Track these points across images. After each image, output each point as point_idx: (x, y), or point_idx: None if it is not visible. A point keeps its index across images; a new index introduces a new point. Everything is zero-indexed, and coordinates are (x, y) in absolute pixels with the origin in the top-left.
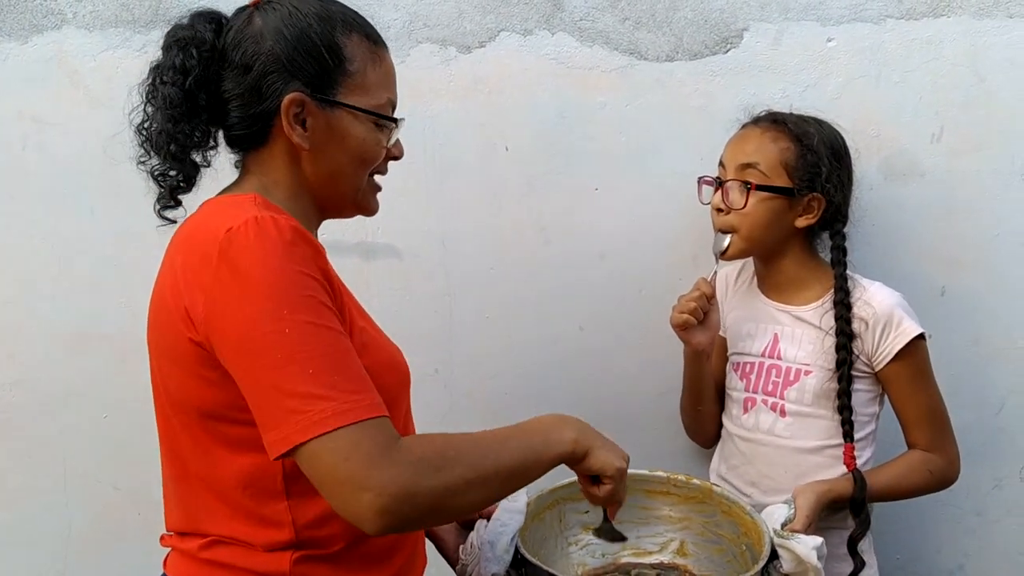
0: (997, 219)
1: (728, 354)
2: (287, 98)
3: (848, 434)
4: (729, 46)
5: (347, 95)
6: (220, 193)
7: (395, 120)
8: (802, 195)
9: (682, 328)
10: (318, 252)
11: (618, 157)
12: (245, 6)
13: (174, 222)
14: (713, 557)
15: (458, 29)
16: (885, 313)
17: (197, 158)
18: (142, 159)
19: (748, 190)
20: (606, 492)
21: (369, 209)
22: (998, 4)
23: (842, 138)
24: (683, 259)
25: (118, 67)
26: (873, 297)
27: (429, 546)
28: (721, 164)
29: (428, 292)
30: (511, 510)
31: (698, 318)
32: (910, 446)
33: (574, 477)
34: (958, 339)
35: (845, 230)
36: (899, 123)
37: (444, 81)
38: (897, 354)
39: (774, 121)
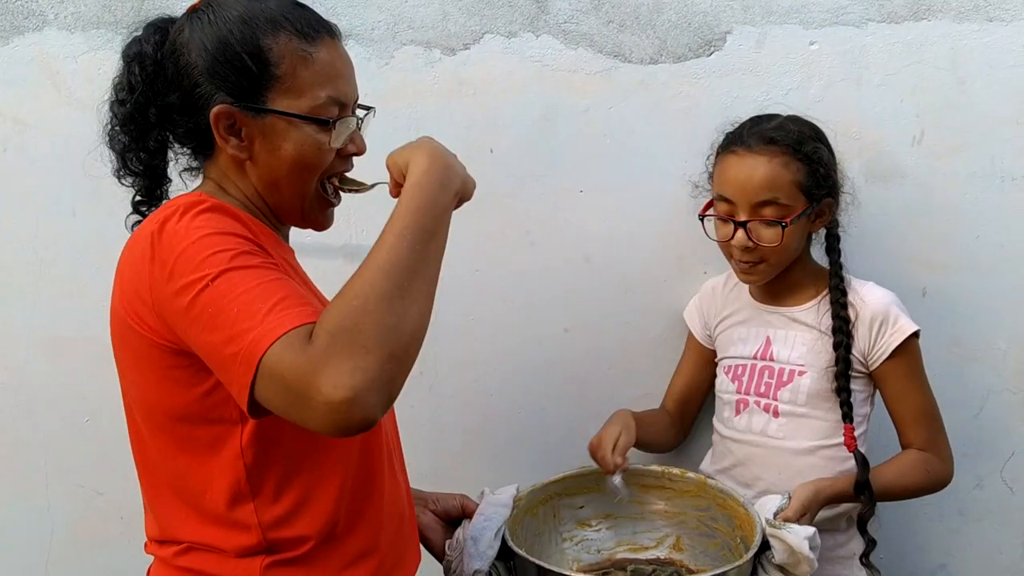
0: (977, 220)
1: (718, 359)
2: (213, 112)
3: (847, 416)
4: (712, 49)
5: (277, 100)
6: None
7: (331, 121)
8: (819, 205)
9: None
10: (245, 224)
11: (603, 159)
12: (184, 14)
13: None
14: (708, 551)
15: (442, 31)
16: (881, 311)
17: (158, 164)
18: (119, 171)
19: (783, 228)
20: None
21: (317, 223)
22: (978, 8)
23: (820, 129)
24: (668, 261)
25: (100, 68)
26: (868, 295)
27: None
28: (725, 199)
29: None
30: (495, 503)
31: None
32: (904, 446)
33: (566, 471)
34: (939, 340)
35: (838, 216)
36: (880, 126)
37: (428, 83)
38: (893, 352)
39: (770, 141)
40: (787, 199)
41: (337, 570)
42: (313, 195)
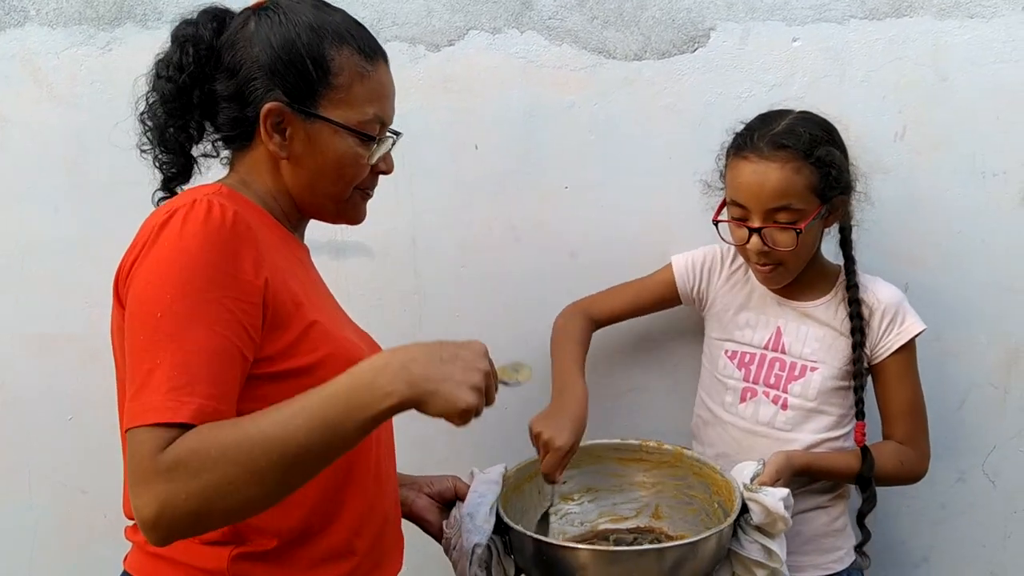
0: (959, 216)
1: (715, 338)
2: (266, 107)
3: (860, 413)
4: (696, 45)
5: (329, 109)
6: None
7: (375, 138)
8: (833, 204)
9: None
10: (255, 248)
11: (588, 156)
12: (247, 8)
13: None
14: (687, 517)
15: (427, 27)
16: (892, 308)
17: (196, 150)
18: (144, 148)
19: (798, 234)
20: (457, 425)
21: (352, 220)
22: (959, 4)
23: (833, 126)
24: (653, 257)
25: (82, 65)
26: (879, 291)
27: (417, 531)
28: (737, 204)
29: (398, 291)
30: (487, 481)
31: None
32: (886, 437)
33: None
34: (921, 335)
35: (851, 208)
36: (863, 122)
37: (413, 80)
38: (897, 349)
39: (780, 146)
40: (800, 203)
41: (306, 568)
42: (346, 201)
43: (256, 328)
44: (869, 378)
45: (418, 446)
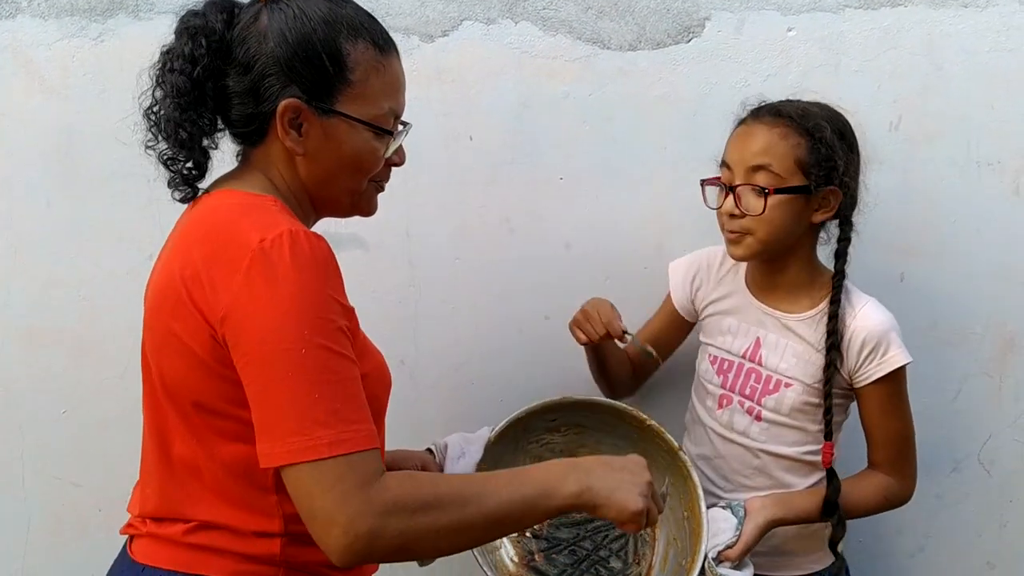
0: (954, 206)
1: (702, 339)
2: (283, 104)
3: (828, 433)
4: (691, 35)
5: (345, 104)
6: (224, 180)
7: (391, 132)
8: (819, 191)
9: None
10: (340, 274)
11: (582, 146)
12: (257, 0)
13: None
14: (660, 492)
15: (420, 18)
16: (874, 337)
17: (206, 143)
18: (150, 143)
19: (765, 195)
20: (631, 530)
21: (366, 212)
22: None
23: (847, 121)
24: (648, 247)
25: (74, 56)
26: (867, 317)
27: None
28: (726, 166)
29: (393, 283)
30: (471, 440)
31: (589, 337)
32: (871, 462)
33: (543, 400)
34: (916, 324)
35: (854, 217)
36: (858, 111)
37: (407, 70)
38: (879, 379)
39: (778, 114)
40: (780, 169)
41: None
42: (361, 194)
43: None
44: (846, 398)
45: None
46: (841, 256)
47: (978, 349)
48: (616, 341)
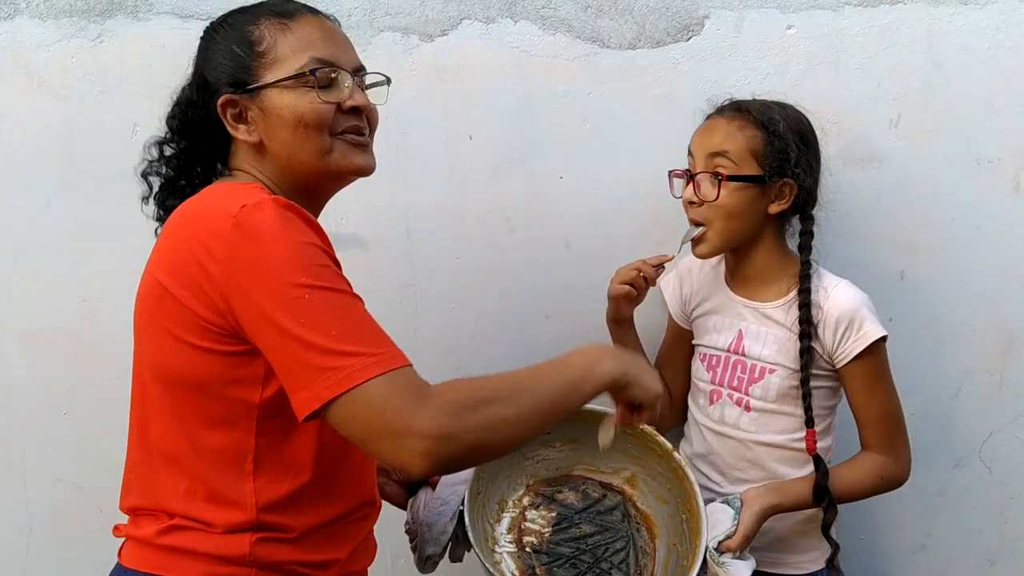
0: (954, 203)
1: (693, 342)
2: (218, 103)
3: (810, 420)
4: (691, 33)
5: (267, 75)
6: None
7: (316, 73)
8: (773, 181)
9: (621, 298)
10: (324, 235)
11: (582, 145)
12: None
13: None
14: (658, 504)
15: (420, 17)
16: (847, 314)
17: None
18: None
19: (719, 181)
20: (644, 418)
21: (354, 169)
22: None
23: (808, 120)
24: (648, 246)
25: (73, 57)
26: (838, 297)
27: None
28: (691, 155)
29: (394, 282)
30: (453, 483)
31: (639, 289)
32: (863, 444)
33: None
34: (916, 322)
35: (814, 212)
36: (858, 109)
37: (407, 70)
38: (856, 355)
39: (738, 109)
40: (736, 158)
41: (321, 547)
42: (330, 149)
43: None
44: (833, 380)
45: None
46: (805, 249)
47: (978, 346)
48: (664, 265)
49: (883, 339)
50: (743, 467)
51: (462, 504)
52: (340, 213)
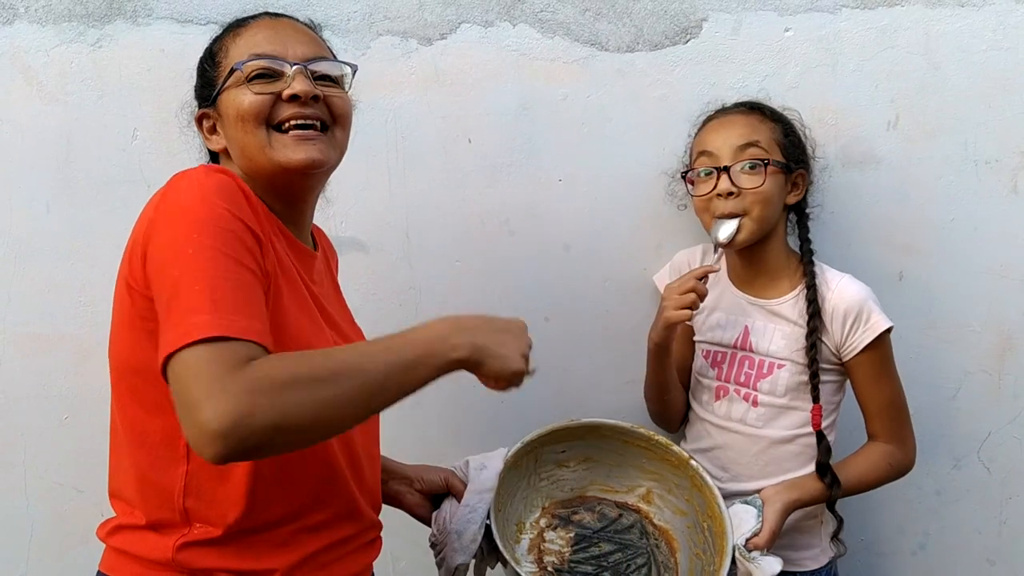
0: (951, 204)
1: (695, 339)
2: (195, 119)
3: (815, 397)
4: (689, 36)
5: (219, 83)
6: None
7: (234, 67)
8: (795, 170)
9: (680, 323)
10: (257, 213)
11: (581, 148)
12: None
13: None
14: (676, 518)
15: (419, 21)
16: (855, 307)
17: None
18: None
19: (765, 166)
20: (502, 389)
21: (290, 161)
22: None
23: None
24: (647, 249)
25: (72, 62)
26: (843, 290)
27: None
28: (706, 154)
29: (393, 285)
30: (480, 491)
31: (695, 309)
32: (870, 434)
33: (555, 424)
34: (915, 323)
35: (808, 211)
36: (856, 111)
37: (405, 74)
38: (864, 347)
39: (751, 107)
40: (767, 147)
41: (255, 555)
42: (269, 146)
43: (263, 270)
44: (838, 374)
45: (417, 441)
46: (806, 241)
47: (977, 346)
48: (713, 265)
49: (889, 330)
50: (747, 462)
51: (488, 516)
52: (340, 216)
